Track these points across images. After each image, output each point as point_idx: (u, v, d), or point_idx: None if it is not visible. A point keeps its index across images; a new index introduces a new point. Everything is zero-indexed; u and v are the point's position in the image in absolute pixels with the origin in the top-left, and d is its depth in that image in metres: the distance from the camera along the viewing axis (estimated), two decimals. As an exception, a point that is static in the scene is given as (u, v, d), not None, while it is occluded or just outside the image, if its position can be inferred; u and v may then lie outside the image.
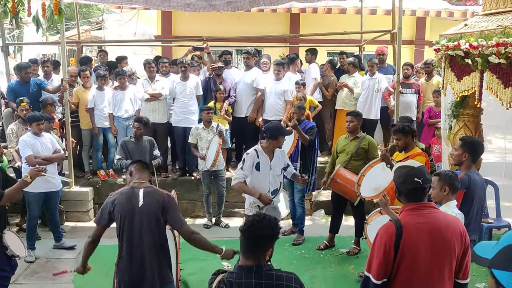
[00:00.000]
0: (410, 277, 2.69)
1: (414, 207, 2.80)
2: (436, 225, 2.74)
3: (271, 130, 5.15)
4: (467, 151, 4.23)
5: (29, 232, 6.14)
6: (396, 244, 2.66)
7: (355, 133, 6.09)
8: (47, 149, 6.14)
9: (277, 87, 8.01)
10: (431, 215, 2.79)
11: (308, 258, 6.11)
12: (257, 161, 5.07)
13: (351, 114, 6.20)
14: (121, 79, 7.85)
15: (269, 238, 2.55)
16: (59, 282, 5.52)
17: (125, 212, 3.45)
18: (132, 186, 3.59)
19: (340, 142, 6.28)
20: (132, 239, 3.47)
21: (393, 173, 3.02)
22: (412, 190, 2.81)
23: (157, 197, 3.53)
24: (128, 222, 3.45)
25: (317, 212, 7.73)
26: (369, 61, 8.46)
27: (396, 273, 2.70)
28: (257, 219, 2.55)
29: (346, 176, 5.81)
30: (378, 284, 2.69)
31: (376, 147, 6.16)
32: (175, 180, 7.85)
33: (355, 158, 5.99)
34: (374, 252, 2.74)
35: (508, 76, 4.54)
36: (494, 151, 8.98)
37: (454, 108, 5.76)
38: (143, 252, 3.47)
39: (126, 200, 3.49)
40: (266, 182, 5.11)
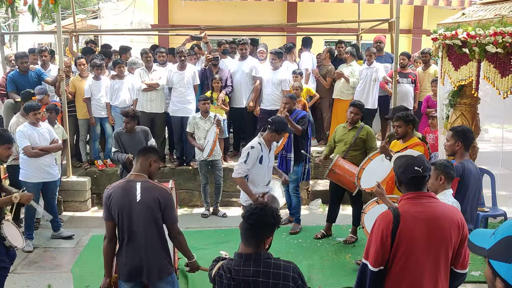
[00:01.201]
0: (406, 265, 2.71)
1: (413, 196, 2.82)
2: (433, 215, 2.76)
3: (277, 123, 5.07)
4: (460, 140, 4.25)
5: (27, 222, 6.15)
6: (393, 232, 2.69)
7: (354, 123, 6.09)
8: (45, 139, 6.12)
9: (275, 77, 7.99)
10: (429, 204, 2.81)
11: (305, 247, 6.15)
12: (261, 155, 5.07)
13: (357, 107, 6.05)
14: (119, 68, 7.81)
15: (271, 226, 2.57)
16: (57, 271, 5.55)
17: (122, 206, 3.43)
18: (128, 180, 3.54)
19: (338, 131, 6.27)
20: (130, 232, 3.46)
21: (393, 163, 3.03)
22: (412, 179, 2.83)
23: (156, 193, 3.48)
24: (125, 216, 3.44)
25: (314, 201, 7.76)
26: (367, 51, 8.44)
27: (393, 260, 2.73)
28: (259, 207, 2.57)
29: (344, 166, 5.83)
30: (375, 271, 2.72)
31: (375, 137, 6.15)
32: (173, 169, 7.86)
33: (354, 148, 5.99)
34: (371, 240, 2.77)
35: (505, 66, 4.54)
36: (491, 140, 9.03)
37: (451, 97, 5.76)
38: (141, 245, 3.46)
39: (123, 194, 3.46)
40: (265, 174, 5.17)
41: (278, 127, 5.06)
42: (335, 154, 6.08)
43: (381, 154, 5.22)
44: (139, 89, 7.75)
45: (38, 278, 5.36)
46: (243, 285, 2.48)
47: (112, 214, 3.47)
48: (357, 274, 2.84)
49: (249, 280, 2.47)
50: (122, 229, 3.48)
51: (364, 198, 6.19)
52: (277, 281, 2.46)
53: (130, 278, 3.53)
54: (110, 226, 3.52)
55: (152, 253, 3.50)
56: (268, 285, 2.46)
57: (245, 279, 2.48)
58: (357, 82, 8.41)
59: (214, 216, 7.35)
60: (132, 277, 3.52)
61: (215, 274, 2.57)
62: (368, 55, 8.34)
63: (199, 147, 7.05)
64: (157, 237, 3.52)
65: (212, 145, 6.85)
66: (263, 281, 2.46)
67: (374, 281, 2.74)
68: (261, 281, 2.46)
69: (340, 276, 5.35)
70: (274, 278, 2.46)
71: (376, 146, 5.87)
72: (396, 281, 2.75)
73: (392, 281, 2.76)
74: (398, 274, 2.73)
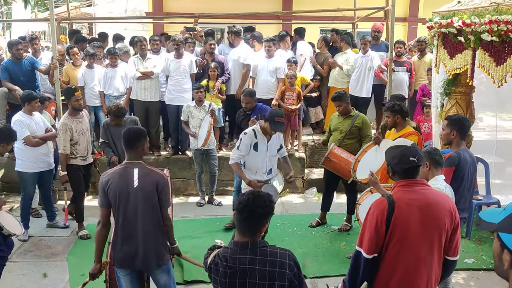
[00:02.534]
0: (399, 252, 2.73)
1: (406, 183, 2.84)
2: (427, 202, 2.78)
3: (269, 113, 5.19)
4: (455, 128, 4.24)
5: (23, 211, 6.14)
6: (388, 219, 2.70)
7: (347, 113, 6.09)
8: (40, 128, 6.11)
9: (269, 65, 7.95)
10: (422, 191, 2.83)
11: (300, 235, 6.18)
12: (255, 141, 5.15)
13: (336, 100, 6.05)
14: (112, 59, 7.74)
15: (265, 216, 2.57)
16: (53, 260, 5.55)
17: (119, 192, 3.43)
18: (125, 166, 3.55)
19: (334, 120, 6.27)
20: (127, 219, 3.46)
21: (386, 154, 3.02)
22: (408, 170, 2.85)
23: (153, 177, 3.51)
24: (123, 202, 3.44)
25: (309, 190, 7.79)
26: (362, 39, 8.40)
27: (387, 248, 2.74)
28: (251, 197, 2.55)
29: (340, 154, 5.84)
30: (369, 259, 2.74)
31: (370, 125, 6.16)
32: (168, 158, 7.85)
33: (349, 137, 6.00)
34: (365, 227, 2.78)
35: (500, 54, 4.54)
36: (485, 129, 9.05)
37: (446, 86, 5.76)
38: (138, 232, 3.47)
39: (120, 180, 3.46)
40: (263, 162, 5.21)
41: (269, 117, 5.14)
42: (330, 143, 6.09)
43: (375, 145, 5.23)
44: (134, 77, 7.70)
45: (33, 266, 5.36)
46: (239, 273, 2.48)
47: (109, 200, 3.47)
48: (351, 261, 2.85)
49: (246, 268, 2.48)
50: (119, 216, 3.48)
51: (359, 187, 6.22)
52: (274, 268, 2.47)
53: (126, 265, 3.53)
54: (105, 212, 3.53)
55: (149, 240, 3.50)
56: (265, 273, 2.46)
57: (241, 267, 2.48)
58: (351, 69, 8.38)
59: (210, 204, 7.36)
60: (128, 264, 3.53)
61: (211, 262, 2.58)
62: (363, 43, 8.31)
63: (193, 134, 7.04)
64: (155, 224, 3.52)
65: (207, 136, 6.83)
66: (259, 269, 2.47)
67: (368, 268, 2.76)
68: (258, 269, 2.47)
69: (335, 263, 5.38)
70: (271, 266, 2.47)
71: (371, 135, 5.88)
72: (390, 268, 2.76)
73: (386, 268, 2.77)
74: (393, 261, 2.75)
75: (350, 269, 2.84)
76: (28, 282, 5.03)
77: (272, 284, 2.45)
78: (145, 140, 3.63)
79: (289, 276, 2.47)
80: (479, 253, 5.54)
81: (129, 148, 3.56)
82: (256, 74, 8.10)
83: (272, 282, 2.45)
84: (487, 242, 5.82)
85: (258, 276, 2.46)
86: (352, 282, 2.83)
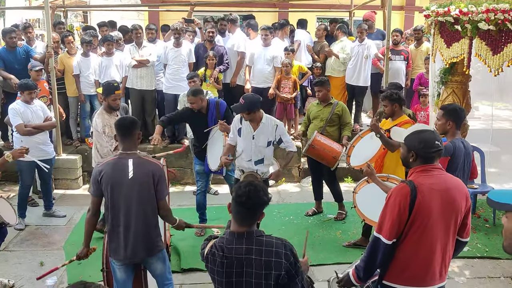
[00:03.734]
0: (421, 237, 2.75)
1: (425, 169, 2.84)
2: (446, 186, 2.80)
3: (246, 100, 4.99)
4: (451, 118, 4.23)
5: (21, 200, 6.13)
6: (411, 204, 2.71)
7: (326, 100, 6.12)
8: (38, 117, 6.06)
9: (266, 53, 7.92)
10: (440, 176, 2.85)
11: (296, 224, 6.20)
12: (239, 127, 5.11)
13: (317, 85, 6.12)
14: (108, 45, 7.69)
15: (261, 206, 2.56)
16: (49, 249, 5.56)
17: (113, 183, 3.42)
18: (119, 157, 3.52)
19: (312, 108, 6.29)
20: (120, 209, 3.45)
21: (407, 139, 2.95)
22: (432, 153, 2.84)
23: (148, 167, 3.49)
24: (116, 193, 3.43)
25: (305, 179, 7.80)
26: (358, 27, 8.38)
27: (408, 232, 2.76)
28: (252, 188, 2.53)
29: (323, 142, 5.87)
30: (389, 245, 2.74)
31: (349, 113, 6.29)
32: (164, 147, 7.81)
33: (330, 124, 6.06)
34: (386, 213, 2.77)
35: (497, 43, 4.54)
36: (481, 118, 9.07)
37: (443, 75, 5.76)
38: (132, 223, 3.46)
39: (114, 171, 3.44)
40: (248, 150, 5.08)
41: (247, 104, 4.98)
42: (311, 131, 6.10)
43: (371, 132, 5.22)
44: (129, 65, 7.67)
45: (30, 255, 5.37)
46: (235, 263, 2.49)
47: (101, 190, 3.46)
48: (368, 248, 2.84)
49: (242, 258, 2.48)
50: (113, 207, 3.47)
51: (355, 176, 6.24)
52: (270, 258, 2.47)
53: (120, 255, 3.53)
54: (96, 201, 3.54)
55: (143, 230, 3.49)
56: (261, 262, 2.47)
57: (237, 257, 2.49)
58: (347, 58, 8.36)
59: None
60: (122, 254, 3.52)
61: (207, 252, 2.57)
62: (360, 31, 8.28)
63: None
64: (149, 214, 3.51)
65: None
66: (255, 258, 2.47)
67: (386, 254, 2.78)
68: (254, 259, 2.47)
69: (331, 252, 5.41)
70: (267, 255, 2.47)
71: (351, 122, 5.95)
72: (411, 252, 2.78)
73: (407, 252, 2.79)
74: (414, 246, 2.77)
75: (366, 256, 2.82)
76: (25, 270, 5.03)
77: (269, 274, 2.46)
78: (138, 128, 3.64)
79: (285, 265, 2.47)
80: (474, 241, 5.58)
81: (126, 136, 3.54)
82: (252, 63, 8.06)
83: (269, 272, 2.46)
84: (482, 231, 5.86)
85: (254, 266, 2.47)
86: (368, 268, 2.84)
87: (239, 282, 2.49)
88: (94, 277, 4.79)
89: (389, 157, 5.18)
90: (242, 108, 4.95)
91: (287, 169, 7.60)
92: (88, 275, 4.90)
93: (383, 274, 2.88)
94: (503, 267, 5.10)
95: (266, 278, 2.46)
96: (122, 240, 3.49)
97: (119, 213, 3.47)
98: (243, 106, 4.93)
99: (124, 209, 3.45)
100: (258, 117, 5.02)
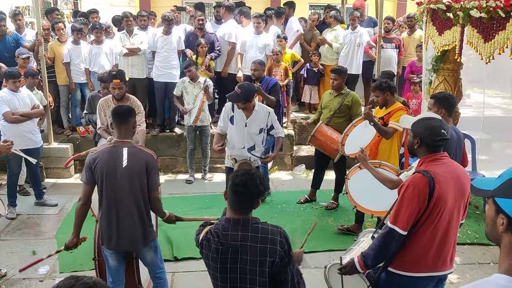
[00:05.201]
0: (437, 224, 2.78)
1: (436, 158, 2.86)
2: (456, 173, 2.85)
3: (243, 89, 5.01)
4: (442, 106, 4.23)
5: (10, 189, 6.09)
6: (430, 194, 2.71)
7: (339, 89, 6.04)
8: (26, 105, 6.01)
9: (258, 41, 7.87)
10: (450, 164, 2.89)
11: (288, 212, 6.23)
12: (231, 115, 5.12)
13: (335, 72, 6.02)
14: (97, 33, 7.61)
15: (258, 195, 2.56)
16: (41, 238, 5.55)
17: (107, 171, 3.40)
18: (114, 145, 3.50)
19: (325, 98, 6.26)
20: (114, 198, 3.44)
21: (414, 126, 2.96)
22: (438, 142, 2.85)
23: (143, 157, 3.47)
24: (110, 181, 3.41)
25: (298, 167, 7.82)
26: (351, 15, 8.35)
27: (424, 222, 2.77)
28: (248, 177, 2.52)
29: (326, 133, 5.85)
30: (403, 235, 2.76)
31: (360, 103, 6.11)
32: (155, 136, 7.79)
33: (338, 115, 5.98)
34: (403, 204, 2.75)
35: (489, 31, 4.53)
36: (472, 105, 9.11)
37: (435, 62, 5.76)
38: (124, 212, 3.45)
39: (108, 159, 3.42)
40: (241, 138, 5.12)
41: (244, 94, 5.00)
42: (320, 121, 6.09)
43: (365, 120, 5.22)
44: (120, 53, 7.60)
45: (22, 244, 5.36)
46: (231, 249, 2.49)
47: (94, 178, 3.45)
48: (380, 238, 2.83)
49: (237, 244, 2.48)
50: (107, 195, 3.46)
51: (348, 164, 6.25)
52: (265, 245, 2.48)
53: (112, 244, 3.53)
54: (88, 190, 3.51)
55: (136, 219, 3.49)
56: (256, 249, 2.47)
57: (233, 243, 2.49)
58: (341, 47, 8.34)
59: (198, 182, 7.37)
60: (114, 243, 3.52)
61: (202, 238, 2.57)
62: (352, 19, 8.26)
63: (183, 110, 6.98)
64: (141, 204, 3.50)
65: (198, 112, 6.80)
66: (251, 245, 2.48)
67: (399, 244, 2.79)
68: (249, 245, 2.48)
69: (323, 239, 5.44)
70: (262, 242, 2.48)
71: (361, 113, 5.87)
72: (427, 243, 2.81)
73: (422, 243, 2.81)
74: (430, 235, 2.80)
75: (378, 246, 2.81)
76: (17, 259, 5.02)
77: (264, 260, 2.47)
78: (135, 116, 3.63)
79: (280, 252, 2.48)
80: (464, 228, 5.63)
81: (122, 123, 3.51)
82: (244, 51, 8.01)
83: (264, 258, 2.47)
84: (471, 217, 5.91)
85: (249, 253, 2.47)
86: (379, 257, 2.84)
87: (234, 269, 2.50)
88: (85, 266, 4.81)
89: (383, 144, 5.20)
90: (238, 98, 4.97)
91: (279, 157, 7.62)
92: (80, 263, 4.90)
93: (390, 262, 2.89)
94: (493, 253, 5.16)
95: (260, 265, 2.47)
96: (114, 229, 3.48)
97: (111, 202, 3.46)
98: (239, 95, 4.95)
99: (117, 197, 3.44)
100: (251, 105, 5.06)
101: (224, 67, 8.07)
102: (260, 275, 2.49)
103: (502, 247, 1.57)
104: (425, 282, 2.88)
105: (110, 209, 3.47)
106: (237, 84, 5.19)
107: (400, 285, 2.90)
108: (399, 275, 2.87)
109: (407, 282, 2.87)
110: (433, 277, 2.89)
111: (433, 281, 2.91)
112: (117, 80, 5.25)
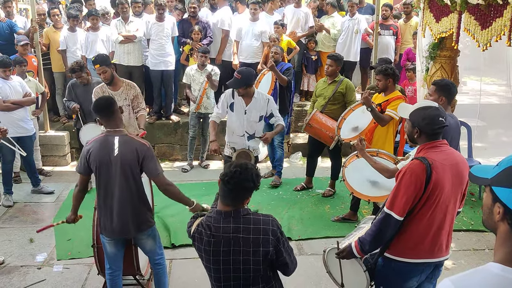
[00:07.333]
0: (434, 212, 2.80)
1: (434, 145, 2.88)
2: (455, 161, 2.87)
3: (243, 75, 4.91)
4: (443, 94, 4.23)
5: (5, 177, 6.08)
6: (427, 181, 2.73)
7: (333, 76, 6.03)
8: (17, 93, 5.96)
9: (254, 28, 7.82)
10: (448, 151, 2.90)
11: (285, 199, 6.25)
12: (231, 102, 5.07)
13: (331, 58, 6.01)
14: (93, 20, 7.54)
15: (250, 190, 2.55)
16: (39, 225, 5.51)
17: (99, 160, 3.41)
18: (106, 134, 3.50)
19: (319, 85, 6.24)
20: (108, 187, 3.46)
21: (412, 116, 2.97)
22: (437, 130, 2.87)
23: (133, 146, 3.46)
24: (103, 170, 3.43)
25: (295, 154, 7.83)
26: (349, 1, 8.30)
27: (421, 209, 2.79)
28: (239, 170, 2.50)
29: (321, 120, 5.84)
30: (400, 221, 2.78)
31: (354, 90, 6.10)
32: (152, 124, 7.77)
33: (332, 102, 5.97)
34: (400, 190, 2.78)
35: (486, 18, 4.51)
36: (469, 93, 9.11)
37: (431, 49, 5.75)
38: (119, 201, 3.47)
39: (100, 149, 3.43)
40: (241, 125, 5.08)
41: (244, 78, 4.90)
42: (314, 108, 6.08)
43: (362, 105, 5.20)
44: (116, 41, 7.54)
45: (19, 232, 5.37)
46: (223, 241, 2.48)
47: (89, 168, 3.47)
48: (376, 224, 2.84)
49: (229, 236, 2.48)
50: (102, 184, 3.48)
51: (344, 151, 6.26)
52: (258, 236, 2.48)
53: (109, 232, 3.55)
54: (83, 179, 3.59)
55: (131, 207, 3.50)
56: (249, 240, 2.47)
57: (225, 236, 2.48)
58: (338, 34, 8.31)
59: (195, 170, 7.38)
60: (111, 231, 3.54)
61: (194, 231, 2.56)
62: (350, 5, 8.21)
63: (194, 99, 7.04)
64: (134, 191, 3.50)
65: (199, 99, 6.81)
66: (243, 237, 2.47)
67: (395, 229, 2.82)
68: (242, 237, 2.47)
69: (319, 226, 5.48)
70: (255, 233, 2.48)
71: (356, 100, 5.86)
72: (424, 229, 2.82)
73: (419, 229, 2.82)
74: (427, 222, 2.81)
75: (374, 231, 2.83)
76: (15, 247, 5.04)
77: (257, 250, 2.47)
78: (116, 103, 3.61)
79: (272, 241, 2.49)
80: (460, 215, 5.63)
81: (108, 115, 3.50)
82: (240, 38, 7.96)
83: (257, 249, 2.47)
84: (467, 204, 5.95)
85: (242, 244, 2.47)
86: (376, 242, 2.86)
87: (227, 260, 2.50)
88: (83, 253, 4.83)
89: (378, 131, 5.20)
90: (239, 83, 4.89)
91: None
92: (77, 251, 4.92)
93: (386, 248, 2.92)
94: (488, 239, 5.21)
95: (254, 255, 2.48)
96: (111, 216, 3.50)
97: (107, 190, 3.48)
98: (240, 81, 4.87)
99: (110, 185, 3.46)
100: (251, 91, 5.02)
101: (218, 55, 8.03)
102: (254, 264, 2.50)
103: (498, 236, 1.56)
104: (421, 268, 2.90)
105: (105, 197, 3.50)
106: (236, 70, 5.15)
107: (396, 271, 2.92)
108: (395, 260, 2.90)
109: (403, 268, 2.89)
110: (430, 263, 2.92)
111: (429, 267, 2.94)
112: (97, 65, 5.20)
